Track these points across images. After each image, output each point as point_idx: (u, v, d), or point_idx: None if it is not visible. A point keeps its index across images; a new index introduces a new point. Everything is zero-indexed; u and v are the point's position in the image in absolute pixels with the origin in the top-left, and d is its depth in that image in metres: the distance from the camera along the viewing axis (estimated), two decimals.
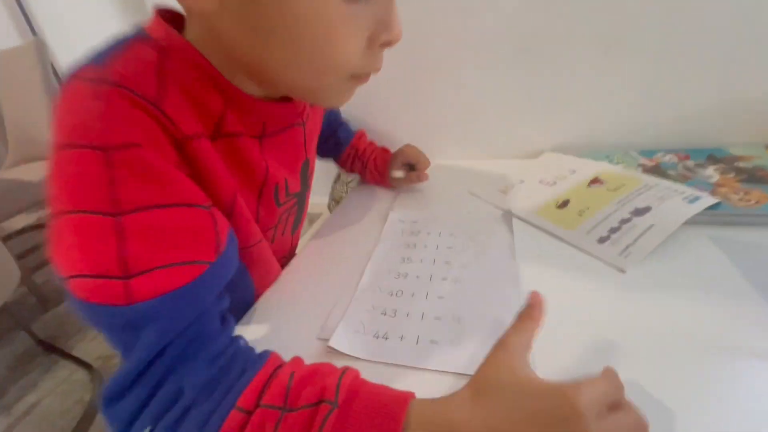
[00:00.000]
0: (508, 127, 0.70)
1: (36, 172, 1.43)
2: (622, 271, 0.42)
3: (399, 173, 0.64)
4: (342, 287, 0.44)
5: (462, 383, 0.27)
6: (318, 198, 0.66)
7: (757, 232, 0.44)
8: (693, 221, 0.44)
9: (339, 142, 0.68)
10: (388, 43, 0.33)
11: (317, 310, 0.41)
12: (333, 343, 0.35)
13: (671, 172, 0.55)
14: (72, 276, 0.26)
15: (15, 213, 1.38)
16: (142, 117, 0.28)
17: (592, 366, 0.31)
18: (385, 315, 0.39)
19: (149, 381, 0.27)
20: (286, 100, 0.41)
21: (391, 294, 0.42)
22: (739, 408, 0.28)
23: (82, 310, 0.27)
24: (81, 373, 1.20)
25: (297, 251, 0.57)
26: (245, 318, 0.42)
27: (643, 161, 0.59)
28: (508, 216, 0.52)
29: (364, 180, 0.72)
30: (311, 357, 0.32)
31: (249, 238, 0.40)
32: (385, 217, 0.58)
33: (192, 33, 0.33)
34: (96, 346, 1.29)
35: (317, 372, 0.29)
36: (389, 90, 0.72)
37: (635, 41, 0.58)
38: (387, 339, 0.36)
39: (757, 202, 0.46)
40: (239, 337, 0.33)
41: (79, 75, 0.28)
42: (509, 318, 0.32)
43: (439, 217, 0.56)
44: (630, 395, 0.26)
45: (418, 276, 0.45)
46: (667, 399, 0.28)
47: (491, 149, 0.73)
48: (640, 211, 0.48)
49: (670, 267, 0.41)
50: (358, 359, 0.34)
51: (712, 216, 0.46)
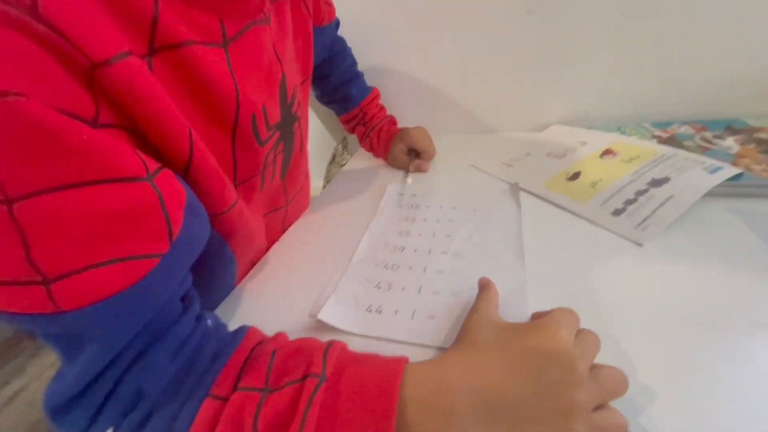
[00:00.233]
0: (512, 98, 0.66)
1: None
2: (639, 245, 0.39)
3: (410, 179, 0.58)
4: (336, 263, 0.42)
5: None
6: (313, 181, 0.63)
7: None
8: (714, 193, 0.42)
9: (349, 97, 0.62)
10: None
11: (309, 286, 0.39)
12: (322, 316, 0.33)
13: (688, 143, 0.52)
14: None
15: None
16: (18, 42, 0.18)
17: (607, 344, 0.29)
18: (380, 288, 0.37)
19: (100, 390, 0.23)
20: None
21: (387, 267, 0.40)
22: (762, 382, 0.26)
23: (9, 321, 0.21)
24: None
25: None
26: (230, 297, 0.40)
27: (658, 133, 0.56)
28: (514, 189, 0.49)
29: (361, 145, 0.68)
30: (302, 335, 0.30)
31: (221, 200, 0.30)
32: (383, 192, 0.54)
33: None
34: None
35: (302, 348, 0.26)
36: (391, 59, 0.68)
37: (653, 3, 0.54)
38: (381, 313, 0.34)
39: None
40: (206, 317, 0.27)
41: None
42: (511, 293, 0.34)
43: (441, 191, 0.53)
44: (648, 371, 0.27)
45: (416, 249, 0.42)
46: (686, 375, 0.27)
47: (495, 122, 0.69)
48: (658, 182, 0.44)
49: (690, 240, 0.39)
50: (349, 334, 0.32)
51: (734, 187, 0.43)
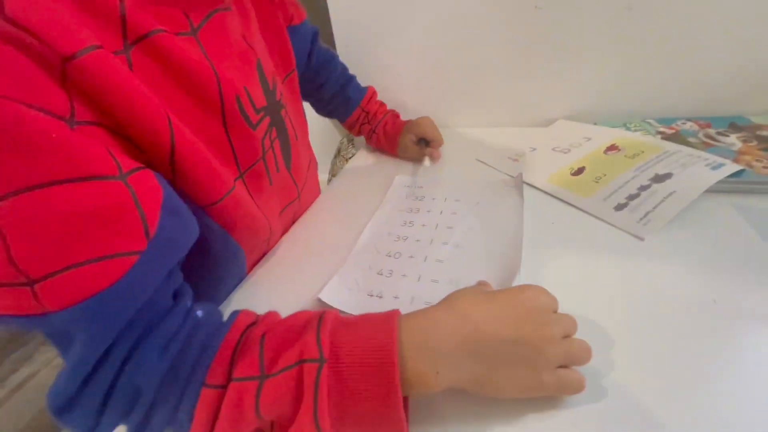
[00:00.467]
0: (518, 93, 0.66)
1: None
2: (640, 239, 0.40)
3: (427, 162, 0.61)
4: (343, 251, 0.43)
5: None
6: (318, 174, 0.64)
7: None
8: (715, 189, 0.43)
9: (348, 100, 0.62)
10: None
11: (317, 273, 0.40)
12: (323, 296, 0.35)
13: (692, 139, 0.52)
14: None
15: None
16: None
17: (608, 337, 0.30)
18: (381, 275, 0.39)
19: (99, 385, 0.23)
20: None
21: (389, 255, 0.41)
22: (763, 376, 0.26)
23: (5, 323, 0.22)
24: None
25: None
26: (241, 285, 0.41)
27: (662, 129, 0.56)
28: (518, 183, 0.50)
29: (369, 143, 0.68)
30: None
31: (211, 191, 0.30)
32: (390, 184, 0.55)
33: None
34: None
35: (291, 327, 0.26)
36: (398, 54, 0.68)
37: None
38: (381, 298, 0.36)
39: None
40: (195, 309, 0.28)
41: None
42: (504, 283, 0.35)
43: (447, 184, 0.54)
44: (648, 364, 0.28)
45: (418, 239, 0.43)
46: (686, 368, 0.28)
47: (501, 117, 0.69)
48: (660, 178, 0.45)
49: (691, 235, 0.40)
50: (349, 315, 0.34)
51: (735, 184, 0.44)
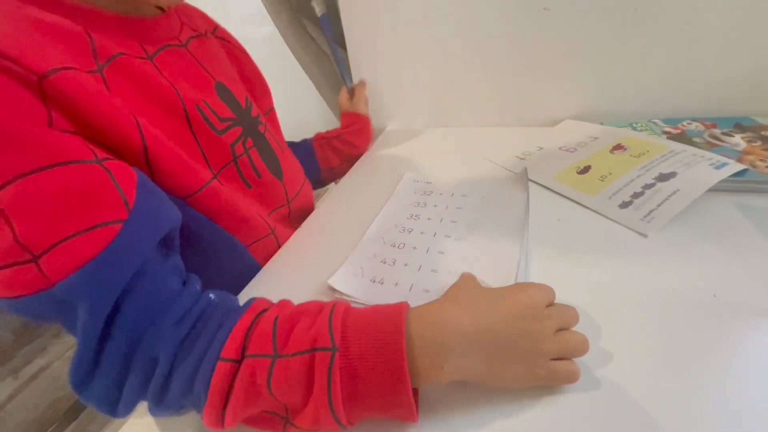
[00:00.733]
0: (526, 94, 0.67)
1: None
2: (643, 236, 0.40)
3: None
4: (352, 242, 0.44)
5: None
6: None
7: None
8: (719, 188, 0.43)
9: (308, 155, 0.64)
10: None
11: (329, 263, 0.41)
12: (332, 282, 0.38)
13: (697, 140, 0.53)
14: None
15: None
16: None
17: (611, 330, 0.31)
18: (385, 263, 0.40)
19: (112, 358, 0.25)
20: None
21: (394, 246, 0.43)
22: (764, 374, 0.27)
23: (10, 308, 0.25)
24: None
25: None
26: (258, 275, 0.42)
27: (668, 129, 0.56)
28: (524, 181, 0.51)
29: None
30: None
31: (188, 183, 0.34)
32: (398, 180, 0.56)
33: None
34: None
35: (303, 312, 0.27)
36: (407, 54, 0.69)
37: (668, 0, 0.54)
38: (383, 284, 0.38)
39: None
40: (208, 292, 0.30)
41: None
42: (505, 277, 0.36)
43: (454, 181, 0.55)
44: (650, 360, 0.28)
45: (422, 232, 0.45)
46: (686, 365, 0.28)
47: (509, 117, 0.70)
48: (665, 177, 0.46)
49: (694, 233, 0.40)
50: (354, 300, 0.36)
51: (738, 183, 0.44)
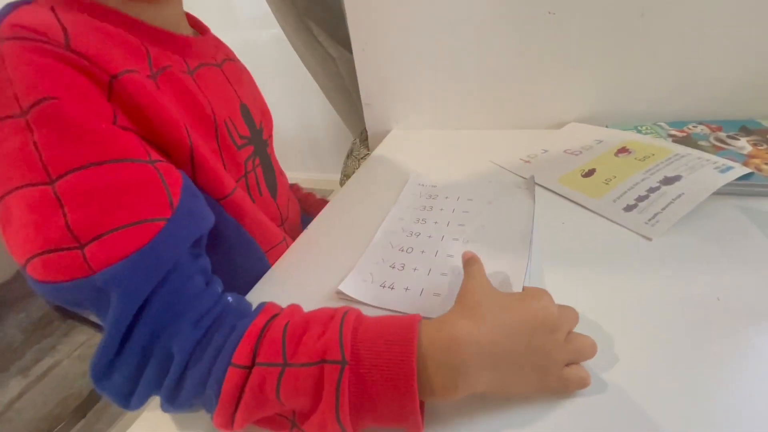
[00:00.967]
0: (531, 97, 0.67)
1: None
2: (648, 239, 0.40)
3: None
4: (359, 246, 0.45)
5: None
6: (330, 175, 0.65)
7: None
8: (724, 191, 0.43)
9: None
10: None
11: (336, 267, 0.41)
12: (342, 288, 0.38)
13: (703, 143, 0.53)
14: (29, 258, 0.25)
15: None
16: (54, 65, 0.26)
17: (615, 334, 0.31)
18: (394, 268, 0.40)
19: (134, 350, 0.26)
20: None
21: (402, 250, 0.43)
22: (765, 372, 0.27)
23: (48, 293, 0.25)
24: (99, 338, 1.23)
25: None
26: (265, 278, 0.42)
27: (674, 132, 0.56)
28: (530, 184, 0.51)
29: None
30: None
31: (221, 186, 0.36)
32: (403, 184, 0.57)
33: None
34: None
35: (312, 320, 0.27)
36: (413, 57, 0.69)
37: (674, 4, 0.54)
38: (393, 289, 0.38)
39: None
40: (227, 294, 0.31)
41: None
42: (515, 279, 0.36)
43: (460, 184, 0.55)
44: (654, 363, 0.29)
45: (430, 236, 0.45)
46: (690, 368, 0.28)
47: (514, 119, 0.70)
48: (669, 180, 0.46)
49: (698, 236, 0.40)
50: (364, 305, 0.36)
51: (743, 187, 0.44)
